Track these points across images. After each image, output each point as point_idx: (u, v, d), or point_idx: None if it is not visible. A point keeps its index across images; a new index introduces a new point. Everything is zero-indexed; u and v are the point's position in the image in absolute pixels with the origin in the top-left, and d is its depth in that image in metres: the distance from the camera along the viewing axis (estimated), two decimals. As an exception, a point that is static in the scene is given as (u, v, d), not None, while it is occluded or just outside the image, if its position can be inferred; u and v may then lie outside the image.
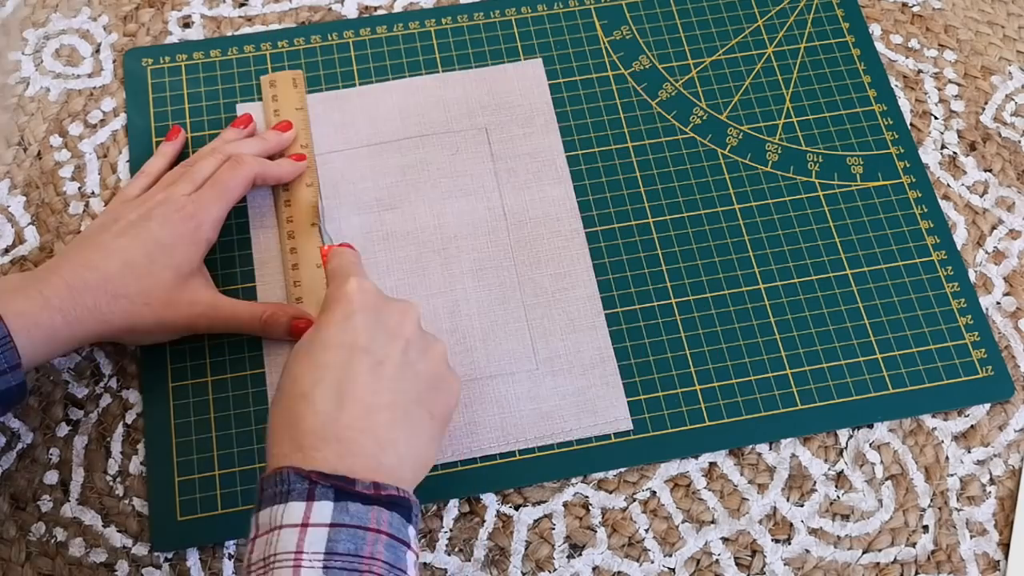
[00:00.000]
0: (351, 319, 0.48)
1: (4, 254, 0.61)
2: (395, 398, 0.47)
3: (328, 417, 0.45)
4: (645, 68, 0.68)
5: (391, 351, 0.48)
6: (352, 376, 0.46)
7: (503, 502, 0.57)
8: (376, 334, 0.48)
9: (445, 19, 0.69)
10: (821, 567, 0.55)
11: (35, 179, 0.64)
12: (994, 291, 0.62)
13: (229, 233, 0.61)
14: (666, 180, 0.64)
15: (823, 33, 0.69)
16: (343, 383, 0.46)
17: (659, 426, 0.58)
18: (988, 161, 0.66)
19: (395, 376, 0.47)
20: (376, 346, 0.47)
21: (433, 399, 0.49)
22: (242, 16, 0.69)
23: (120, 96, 0.66)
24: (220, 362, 0.59)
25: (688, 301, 0.61)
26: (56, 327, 0.51)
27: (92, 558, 0.55)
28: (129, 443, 0.57)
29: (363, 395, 0.46)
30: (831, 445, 0.58)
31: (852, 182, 0.65)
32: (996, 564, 0.56)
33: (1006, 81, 0.68)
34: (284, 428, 0.45)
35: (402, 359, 0.48)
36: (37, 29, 0.68)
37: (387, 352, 0.48)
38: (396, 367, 0.47)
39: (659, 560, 0.55)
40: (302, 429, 0.45)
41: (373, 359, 0.47)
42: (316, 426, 0.45)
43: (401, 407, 0.47)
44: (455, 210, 0.63)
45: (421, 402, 0.48)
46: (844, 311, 0.61)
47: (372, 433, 0.45)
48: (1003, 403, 0.59)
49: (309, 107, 0.65)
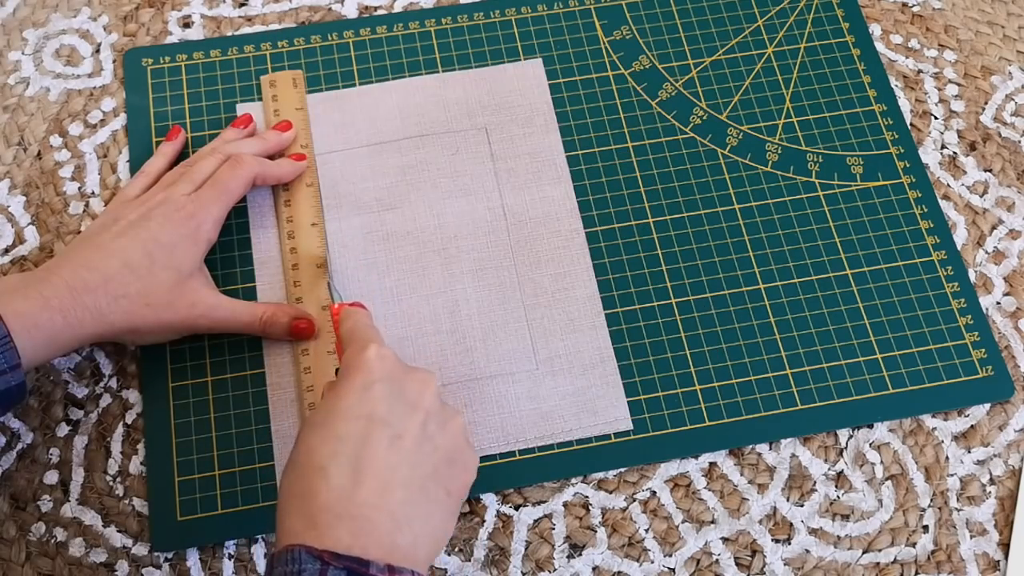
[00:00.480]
0: (370, 389, 0.46)
1: (4, 254, 0.61)
2: (412, 473, 0.45)
3: (343, 492, 0.43)
4: (645, 68, 0.68)
5: (410, 424, 0.46)
6: (370, 450, 0.44)
7: (503, 502, 0.57)
8: (395, 405, 0.46)
9: (445, 19, 0.69)
10: (821, 567, 0.55)
11: (35, 179, 0.64)
12: (994, 291, 0.62)
13: (229, 233, 0.61)
14: (666, 180, 0.64)
15: (823, 33, 0.69)
16: (360, 457, 0.44)
17: (659, 426, 0.58)
18: (988, 161, 0.66)
19: (413, 450, 0.46)
20: (395, 418, 0.46)
21: (450, 475, 0.47)
22: (242, 16, 0.69)
23: (120, 96, 0.66)
24: (220, 362, 0.59)
25: (688, 301, 0.61)
26: (56, 327, 0.51)
27: (92, 558, 0.55)
28: (129, 443, 0.57)
29: (380, 470, 0.44)
30: (831, 445, 0.58)
31: (852, 182, 0.65)
32: (996, 564, 0.56)
33: (1006, 81, 0.68)
34: (296, 501, 0.44)
35: (421, 432, 0.46)
36: (37, 29, 0.68)
37: (406, 425, 0.46)
38: (415, 441, 0.46)
39: (659, 560, 0.55)
40: (316, 504, 0.43)
41: (392, 432, 0.45)
42: (331, 502, 0.43)
43: (418, 483, 0.45)
44: (455, 210, 0.63)
45: (438, 478, 0.46)
46: (844, 311, 0.61)
47: (388, 511, 0.43)
48: (1003, 403, 0.59)
49: (309, 107, 0.65)
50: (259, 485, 0.56)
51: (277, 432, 0.57)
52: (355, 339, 0.50)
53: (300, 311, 0.58)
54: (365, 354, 0.47)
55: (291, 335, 0.58)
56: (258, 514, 0.55)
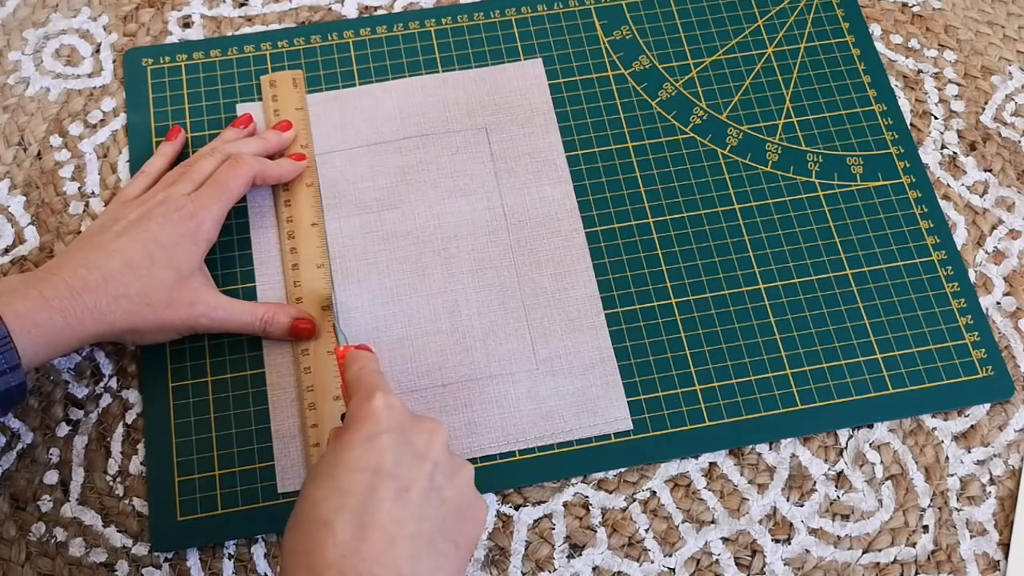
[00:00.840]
0: (377, 440, 0.45)
1: (4, 254, 0.61)
2: (419, 528, 0.44)
3: (348, 548, 0.42)
4: (645, 68, 0.68)
5: (418, 476, 0.45)
6: (375, 504, 0.43)
7: (503, 502, 0.57)
8: (402, 457, 0.45)
9: (445, 19, 0.69)
10: (821, 567, 0.55)
11: (35, 179, 0.64)
12: (994, 291, 0.62)
13: (229, 233, 0.61)
14: (666, 180, 0.64)
15: (823, 33, 0.69)
16: (365, 511, 0.43)
17: (659, 426, 0.58)
18: (988, 161, 0.66)
19: (421, 504, 0.44)
20: (401, 470, 0.44)
21: (459, 528, 0.45)
22: (242, 16, 0.69)
23: (120, 96, 0.66)
24: (220, 362, 0.59)
25: (688, 301, 0.61)
26: (56, 328, 0.51)
27: (92, 558, 0.55)
28: (129, 443, 0.57)
29: (386, 524, 0.43)
30: (831, 445, 0.58)
31: (852, 182, 0.65)
32: (996, 564, 0.56)
33: (1006, 81, 0.68)
34: (301, 557, 0.43)
35: (428, 485, 0.45)
36: (37, 29, 0.68)
37: (413, 477, 0.44)
38: (422, 494, 0.44)
39: (659, 560, 0.55)
40: (321, 561, 0.42)
41: (398, 485, 0.44)
42: (335, 558, 0.42)
43: (425, 538, 0.44)
44: (455, 210, 0.63)
45: (446, 532, 0.45)
46: (844, 311, 0.61)
47: (394, 567, 0.42)
48: (1003, 403, 0.59)
49: (309, 107, 0.65)
50: (259, 485, 0.56)
51: (277, 432, 0.57)
52: (361, 386, 0.48)
53: (300, 311, 0.58)
54: (371, 403, 0.46)
55: (291, 335, 0.58)
56: (258, 514, 0.55)
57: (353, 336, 0.59)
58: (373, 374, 0.49)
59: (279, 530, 0.55)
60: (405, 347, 0.59)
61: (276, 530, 0.55)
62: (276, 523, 0.55)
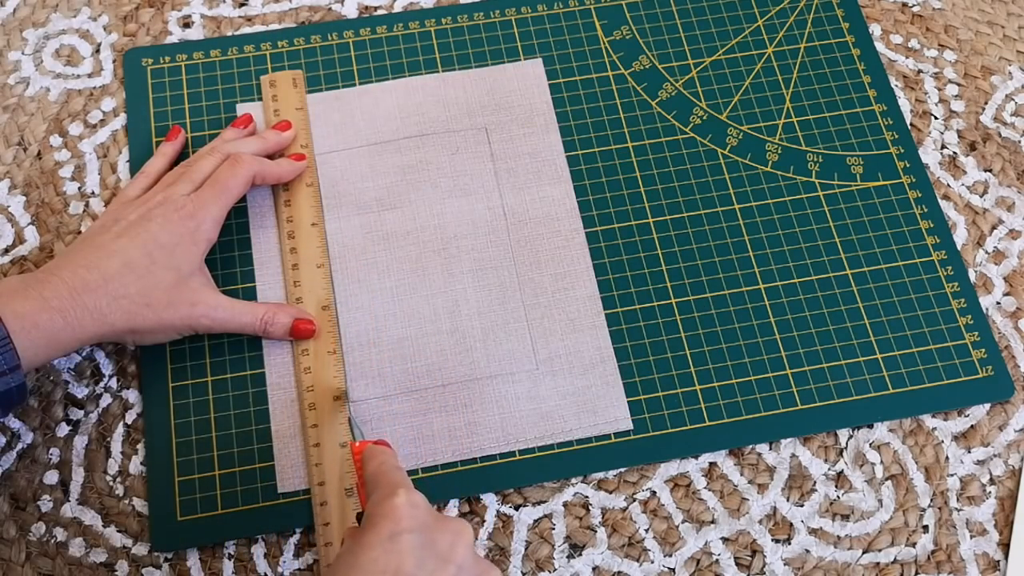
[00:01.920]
0: (398, 540, 0.42)
1: (4, 254, 0.61)
2: None
3: None
4: (645, 68, 0.68)
5: None
6: None
7: (503, 502, 0.57)
8: (425, 559, 0.42)
9: (445, 19, 0.69)
10: (821, 567, 0.55)
11: (35, 179, 0.64)
12: (994, 291, 0.62)
13: (229, 233, 0.61)
14: (666, 180, 0.64)
15: (823, 33, 0.69)
16: None
17: (659, 426, 0.58)
18: (988, 161, 0.66)
19: None
20: (424, 573, 0.42)
21: None
22: (242, 16, 0.69)
23: (120, 96, 0.66)
24: (220, 362, 0.59)
25: (688, 301, 0.61)
26: (56, 328, 0.51)
27: (92, 558, 0.55)
28: (129, 443, 0.57)
29: None
30: (831, 445, 0.58)
31: (852, 182, 0.65)
32: (996, 564, 0.56)
33: (1006, 81, 0.68)
34: None
35: None
36: (37, 29, 0.68)
37: None
38: None
39: (659, 560, 0.55)
40: None
41: None
42: None
43: None
44: (455, 210, 0.63)
45: None
46: (844, 311, 0.61)
47: None
48: (1003, 403, 0.59)
49: (309, 107, 0.65)
50: (259, 485, 0.56)
51: (277, 432, 0.57)
52: (382, 483, 0.46)
53: (301, 311, 0.58)
54: (393, 500, 0.44)
55: (292, 335, 0.58)
56: (258, 514, 0.55)
57: (354, 336, 0.59)
58: (394, 470, 0.47)
59: (279, 530, 0.55)
60: (405, 347, 0.59)
61: (276, 530, 0.55)
62: (276, 523, 0.55)
